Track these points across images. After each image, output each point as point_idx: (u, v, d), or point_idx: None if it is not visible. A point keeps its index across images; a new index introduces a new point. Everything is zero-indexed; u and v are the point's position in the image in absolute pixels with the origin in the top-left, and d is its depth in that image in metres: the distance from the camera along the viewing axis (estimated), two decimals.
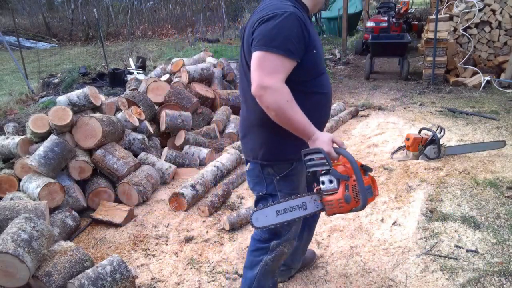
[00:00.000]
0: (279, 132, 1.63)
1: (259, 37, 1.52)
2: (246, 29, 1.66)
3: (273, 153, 1.71)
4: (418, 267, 2.34)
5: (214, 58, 6.01)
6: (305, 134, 1.58)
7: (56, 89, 7.71)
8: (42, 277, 2.08)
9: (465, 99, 5.96)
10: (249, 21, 1.65)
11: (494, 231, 2.62)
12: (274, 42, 1.50)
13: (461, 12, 7.23)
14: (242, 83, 1.75)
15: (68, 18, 18.24)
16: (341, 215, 2.69)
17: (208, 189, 3.44)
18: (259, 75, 1.50)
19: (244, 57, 1.68)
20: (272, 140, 1.69)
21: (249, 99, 1.66)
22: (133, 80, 5.73)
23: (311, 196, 1.64)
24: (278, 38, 1.50)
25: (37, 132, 3.31)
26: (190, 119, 4.29)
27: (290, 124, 1.55)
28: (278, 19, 1.51)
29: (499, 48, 7.24)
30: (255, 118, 1.70)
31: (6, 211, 2.50)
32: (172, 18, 18.27)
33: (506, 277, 2.20)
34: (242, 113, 1.84)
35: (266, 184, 1.77)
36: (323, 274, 2.34)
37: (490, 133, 4.46)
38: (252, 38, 1.56)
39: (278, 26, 1.51)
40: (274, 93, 1.49)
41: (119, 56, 12.01)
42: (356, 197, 1.56)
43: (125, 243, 2.78)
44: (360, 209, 1.56)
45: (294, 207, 1.61)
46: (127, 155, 3.47)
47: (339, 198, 1.55)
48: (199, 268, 2.47)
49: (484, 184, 3.23)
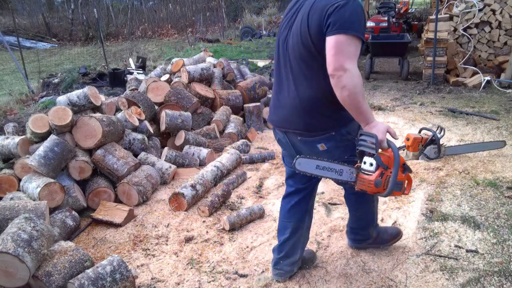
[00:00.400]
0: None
1: (339, 22, 1.63)
2: (304, 14, 1.76)
3: (344, 116, 1.84)
4: (418, 267, 2.34)
5: (214, 58, 6.01)
6: (366, 119, 1.74)
7: (56, 89, 7.71)
8: (42, 277, 2.08)
9: (465, 99, 5.96)
10: (310, 6, 1.75)
11: (494, 231, 2.62)
12: (353, 26, 1.63)
13: (461, 12, 7.23)
14: (297, 65, 1.85)
15: (68, 18, 18.24)
16: (342, 215, 2.86)
17: (208, 189, 3.44)
18: (340, 57, 1.63)
19: (300, 41, 1.78)
20: (340, 108, 1.78)
21: (313, 79, 1.81)
22: (133, 80, 5.73)
23: (349, 168, 1.87)
24: (356, 23, 1.64)
25: (37, 132, 3.31)
26: (190, 119, 4.29)
27: (357, 107, 1.70)
28: (351, 4, 1.65)
29: (499, 48, 7.24)
30: (322, 95, 1.83)
31: (6, 211, 2.50)
32: (172, 18, 18.27)
33: (506, 277, 2.20)
34: (290, 95, 1.91)
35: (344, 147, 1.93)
36: (323, 274, 2.34)
37: (490, 133, 4.46)
38: (329, 23, 1.65)
39: (353, 12, 1.64)
40: (353, 76, 1.63)
41: (119, 56, 12.01)
42: (385, 185, 1.80)
43: (125, 243, 2.78)
44: (384, 196, 1.82)
45: (332, 169, 1.86)
46: (127, 155, 3.47)
47: (371, 180, 1.79)
48: (199, 268, 2.47)
49: (484, 184, 3.23)
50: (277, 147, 4.54)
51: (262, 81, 5.76)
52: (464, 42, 7.41)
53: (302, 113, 1.88)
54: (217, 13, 17.43)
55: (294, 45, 1.84)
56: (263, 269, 2.42)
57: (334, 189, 3.37)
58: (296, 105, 1.89)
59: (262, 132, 5.06)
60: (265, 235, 2.79)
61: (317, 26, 1.71)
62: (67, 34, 17.51)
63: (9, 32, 14.82)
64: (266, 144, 4.68)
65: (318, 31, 1.71)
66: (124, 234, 2.88)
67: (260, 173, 3.84)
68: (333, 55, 1.64)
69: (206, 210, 3.06)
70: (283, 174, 3.77)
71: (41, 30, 17.44)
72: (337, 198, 3.22)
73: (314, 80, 1.82)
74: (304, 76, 1.85)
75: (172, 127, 4.17)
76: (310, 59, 1.79)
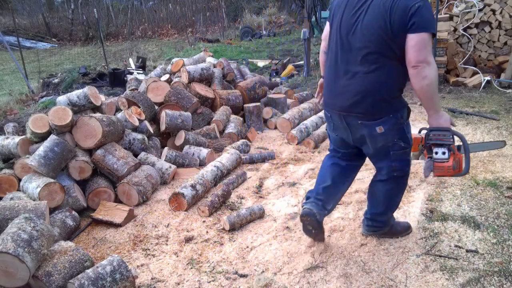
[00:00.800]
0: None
1: (421, 22, 1.91)
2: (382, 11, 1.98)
3: (401, 101, 2.18)
4: (418, 267, 2.34)
5: (214, 58, 6.01)
6: (435, 107, 2.05)
7: (56, 89, 7.72)
8: (42, 277, 2.09)
9: (465, 99, 5.96)
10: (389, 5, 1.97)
11: (494, 231, 2.62)
12: (432, 25, 1.95)
13: (461, 12, 7.23)
14: (368, 54, 2.06)
15: (68, 18, 18.25)
16: (342, 215, 2.88)
17: (208, 189, 3.44)
18: (423, 52, 1.92)
19: (377, 33, 2.01)
20: (399, 95, 2.16)
21: (384, 68, 2.05)
22: (133, 80, 5.74)
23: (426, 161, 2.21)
24: (432, 21, 1.96)
25: (37, 132, 3.31)
26: (190, 119, 4.29)
27: (431, 95, 2.00)
28: (427, 5, 1.94)
29: (499, 48, 7.23)
30: (391, 83, 2.09)
31: (6, 211, 2.50)
32: (172, 18, 18.28)
33: (506, 277, 2.20)
34: (355, 81, 2.12)
35: (397, 130, 2.18)
36: (323, 274, 2.34)
37: (490, 133, 4.46)
38: (412, 22, 1.91)
39: (429, 12, 1.95)
40: (434, 70, 1.94)
41: (119, 56, 12.02)
42: (458, 167, 2.16)
43: (125, 243, 2.78)
44: (462, 175, 2.17)
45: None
46: (127, 155, 3.47)
47: (449, 165, 2.12)
48: (199, 268, 2.47)
49: (484, 184, 3.23)
50: (277, 147, 4.54)
51: (262, 81, 5.76)
52: (464, 42, 7.41)
53: (368, 98, 2.09)
54: (217, 13, 17.44)
55: (365, 36, 2.05)
56: (263, 269, 2.42)
57: None
58: (362, 90, 2.10)
59: (262, 132, 5.06)
60: (265, 235, 2.79)
61: (399, 23, 1.95)
62: (67, 34, 17.52)
63: (9, 32, 14.83)
64: (266, 144, 4.68)
65: (400, 29, 1.95)
66: (124, 234, 2.88)
67: (260, 173, 3.84)
68: (418, 50, 1.92)
69: (206, 210, 3.06)
70: (283, 174, 3.77)
71: (41, 30, 17.45)
72: None
73: (385, 68, 2.05)
74: (375, 65, 2.06)
75: (172, 127, 4.17)
76: (385, 50, 2.02)
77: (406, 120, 2.22)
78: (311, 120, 4.97)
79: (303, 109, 5.32)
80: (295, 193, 3.37)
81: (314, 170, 3.80)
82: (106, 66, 9.10)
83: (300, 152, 4.36)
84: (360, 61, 2.08)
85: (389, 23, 1.97)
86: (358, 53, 2.08)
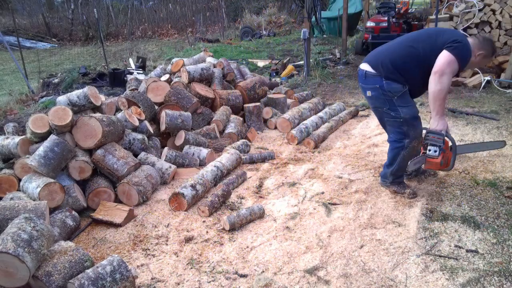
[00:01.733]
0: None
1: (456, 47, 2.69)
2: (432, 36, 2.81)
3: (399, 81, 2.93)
4: (418, 267, 2.34)
5: (214, 58, 6.01)
6: (439, 110, 2.74)
7: (56, 89, 7.72)
8: (42, 277, 2.08)
9: (465, 99, 5.96)
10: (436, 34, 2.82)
11: (494, 231, 2.62)
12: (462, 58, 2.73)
13: (461, 12, 7.23)
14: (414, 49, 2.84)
15: (68, 18, 18.25)
16: (342, 215, 2.91)
17: (208, 189, 3.44)
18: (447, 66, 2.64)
19: (427, 40, 2.82)
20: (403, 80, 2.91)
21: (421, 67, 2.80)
22: (133, 80, 5.73)
23: (420, 155, 2.93)
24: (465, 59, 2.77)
25: (37, 132, 3.31)
26: (190, 119, 4.29)
27: (439, 98, 2.68)
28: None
29: (499, 48, 7.22)
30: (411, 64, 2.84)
31: (6, 211, 2.50)
32: (172, 18, 18.28)
33: (506, 277, 2.20)
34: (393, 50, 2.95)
35: (383, 100, 2.94)
36: (323, 274, 2.34)
37: (490, 133, 4.46)
38: (449, 44, 2.69)
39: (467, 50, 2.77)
40: (449, 80, 2.67)
41: (119, 56, 12.02)
42: (446, 163, 2.89)
43: (125, 243, 2.78)
44: (447, 170, 3.09)
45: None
46: (127, 155, 3.47)
47: (438, 162, 2.82)
48: (199, 268, 2.47)
49: (484, 184, 3.23)
50: (277, 147, 4.55)
51: (262, 81, 5.76)
52: None
53: (388, 63, 2.84)
54: (217, 13, 17.44)
55: (419, 40, 2.86)
56: (263, 269, 2.42)
57: (334, 189, 3.37)
58: (389, 58, 2.87)
59: (262, 132, 5.06)
60: (265, 235, 2.79)
61: (439, 42, 2.73)
62: (67, 34, 17.53)
63: (9, 32, 14.83)
64: (266, 144, 4.68)
65: (441, 46, 2.71)
66: (124, 234, 2.88)
67: (260, 173, 3.84)
68: (444, 62, 2.64)
69: (206, 210, 3.06)
70: (283, 174, 3.77)
71: (41, 30, 17.45)
72: (337, 198, 3.22)
73: (415, 56, 2.80)
74: (412, 51, 2.82)
75: (172, 127, 4.17)
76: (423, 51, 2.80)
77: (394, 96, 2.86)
78: (311, 120, 4.97)
79: (303, 109, 5.32)
80: (295, 193, 3.37)
81: (314, 170, 3.80)
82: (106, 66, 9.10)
83: (300, 152, 4.36)
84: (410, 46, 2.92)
85: (436, 41, 2.82)
86: (408, 43, 2.96)
